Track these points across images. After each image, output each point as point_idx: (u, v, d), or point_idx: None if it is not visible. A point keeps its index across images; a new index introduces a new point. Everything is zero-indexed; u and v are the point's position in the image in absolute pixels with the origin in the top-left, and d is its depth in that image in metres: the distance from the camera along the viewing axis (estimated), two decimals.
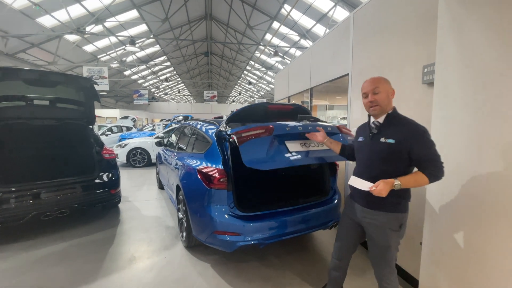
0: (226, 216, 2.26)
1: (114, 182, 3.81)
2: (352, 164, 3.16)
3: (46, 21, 11.66)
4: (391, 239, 1.58)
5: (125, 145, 8.23)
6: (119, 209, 4.33)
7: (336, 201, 2.77)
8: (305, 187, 3.10)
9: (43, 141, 3.99)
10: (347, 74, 3.24)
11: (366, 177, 1.59)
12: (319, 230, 2.77)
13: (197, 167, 2.52)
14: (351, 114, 3.20)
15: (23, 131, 3.74)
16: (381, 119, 1.60)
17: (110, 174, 3.77)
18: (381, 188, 1.42)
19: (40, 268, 2.60)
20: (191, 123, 3.68)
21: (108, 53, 16.46)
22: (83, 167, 3.68)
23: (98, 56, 16.92)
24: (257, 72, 24.36)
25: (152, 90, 31.56)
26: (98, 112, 20.91)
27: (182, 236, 2.99)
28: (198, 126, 3.24)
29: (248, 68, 23.49)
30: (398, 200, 1.56)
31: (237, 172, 2.45)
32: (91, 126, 4.04)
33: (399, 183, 1.42)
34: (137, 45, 15.54)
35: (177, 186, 3.05)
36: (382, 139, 1.55)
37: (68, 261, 2.74)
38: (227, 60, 24.44)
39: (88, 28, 12.79)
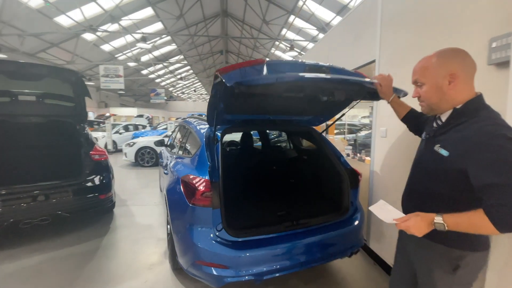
0: (212, 242, 1.74)
1: (104, 186, 3.42)
2: (381, 176, 2.53)
3: (64, 20, 11.81)
4: (440, 284, 1.09)
5: (134, 144, 8.00)
6: (114, 214, 3.98)
7: (357, 221, 2.17)
8: (317, 204, 2.52)
9: (24, 140, 3.67)
10: (373, 61, 2.61)
11: (410, 189, 1.24)
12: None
13: (181, 176, 2.03)
14: (377, 111, 2.56)
15: (3, 130, 3.43)
16: (444, 116, 1.09)
17: (100, 177, 3.39)
18: (410, 224, 0.97)
19: None
20: (188, 121, 3.21)
21: (124, 52, 16.59)
22: (67, 170, 3.33)
23: (116, 56, 17.12)
24: None
25: (170, 89, 31.91)
26: (116, 110, 21.29)
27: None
28: (192, 124, 2.76)
29: None
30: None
31: (228, 184, 1.95)
32: (82, 125, 3.68)
33: (442, 222, 0.92)
34: (152, 44, 15.57)
35: (165, 195, 2.59)
36: (436, 147, 1.07)
37: (38, 279, 2.36)
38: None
39: (104, 27, 12.87)
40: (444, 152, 1.01)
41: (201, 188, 1.77)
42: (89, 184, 3.26)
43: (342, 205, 2.22)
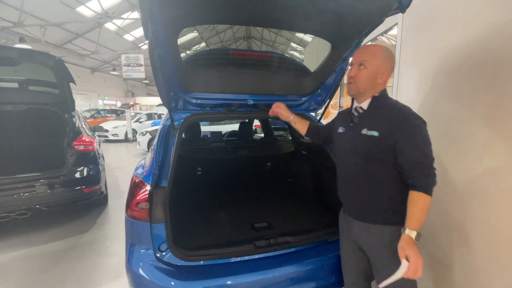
0: (150, 267, 1.32)
1: (89, 179, 3.19)
2: None
3: (85, 11, 11.99)
4: (399, 264, 1.04)
5: (146, 132, 7.92)
6: (107, 207, 3.79)
7: None
8: (309, 215, 1.98)
9: (2, 130, 3.49)
10: (395, 25, 1.95)
11: (348, 181, 1.23)
12: None
13: (132, 175, 1.63)
14: (398, 92, 1.91)
15: None
16: (365, 104, 1.16)
17: (85, 169, 3.16)
18: (412, 260, 0.93)
19: None
20: None
21: (146, 42, 16.66)
22: (48, 161, 3.13)
23: (139, 45, 17.32)
24: (296, 54, 22.64)
25: None
26: (141, 99, 21.89)
27: None
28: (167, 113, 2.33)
29: (289, 50, 21.89)
30: (397, 207, 1.07)
31: (189, 188, 1.50)
32: (70, 113, 3.44)
33: (415, 230, 0.97)
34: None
35: None
36: (364, 131, 1.12)
37: None
38: (266, 43, 23.19)
39: (124, 16, 12.92)
40: (374, 133, 1.08)
41: (138, 196, 1.35)
42: (71, 176, 3.03)
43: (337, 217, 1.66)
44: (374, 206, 1.13)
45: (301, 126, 1.55)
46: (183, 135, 1.81)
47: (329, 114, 4.22)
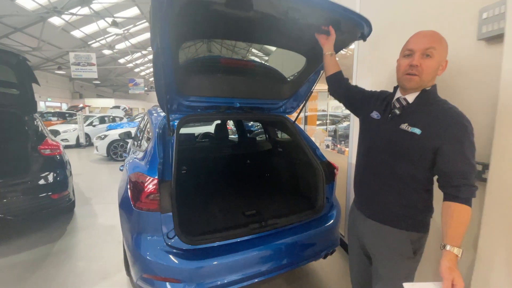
0: (162, 252, 1.47)
1: (57, 185, 3.05)
2: None
3: (26, 3, 10.76)
4: (400, 269, 1.11)
5: (105, 136, 7.48)
6: (74, 214, 3.61)
7: (333, 219, 1.97)
8: (290, 201, 2.29)
9: None
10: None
11: (368, 178, 1.18)
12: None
13: (130, 173, 1.73)
14: None
15: None
16: (411, 97, 1.07)
17: (52, 175, 3.01)
18: (458, 283, 0.84)
19: None
20: (150, 110, 2.86)
21: (97, 39, 15.53)
22: (11, 167, 2.91)
23: (89, 42, 16.02)
24: (257, 59, 23.29)
25: (151, 79, 30.64)
26: (92, 101, 20.20)
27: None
28: (152, 114, 2.43)
29: (250, 56, 22.40)
30: (413, 213, 1.08)
31: (187, 182, 1.67)
32: (31, 115, 3.23)
33: (457, 247, 0.89)
34: (126, 30, 14.70)
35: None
36: (404, 126, 1.05)
37: None
38: (226, 48, 23.34)
39: (73, 11, 11.90)
40: (417, 131, 1.00)
41: (147, 189, 1.48)
42: (38, 182, 2.87)
43: (316, 202, 2.00)
44: (392, 208, 1.09)
45: (331, 66, 1.41)
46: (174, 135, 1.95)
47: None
